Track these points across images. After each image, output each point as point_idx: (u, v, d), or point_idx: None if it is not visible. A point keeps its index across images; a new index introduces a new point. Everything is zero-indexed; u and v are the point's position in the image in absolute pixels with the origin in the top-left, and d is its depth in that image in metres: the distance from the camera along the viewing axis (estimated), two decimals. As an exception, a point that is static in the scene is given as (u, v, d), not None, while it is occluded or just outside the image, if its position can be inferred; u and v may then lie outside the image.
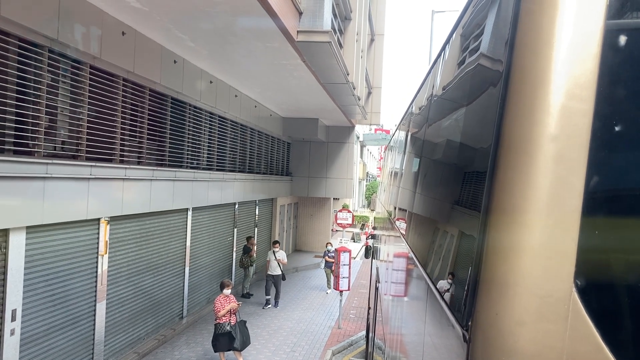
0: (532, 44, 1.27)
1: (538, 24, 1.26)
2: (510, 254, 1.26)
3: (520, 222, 1.24)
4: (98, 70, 7.97)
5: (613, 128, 1.20)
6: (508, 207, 1.28)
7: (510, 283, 1.25)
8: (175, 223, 11.38)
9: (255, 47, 9.64)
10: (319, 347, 11.27)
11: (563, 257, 1.20)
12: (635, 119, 1.20)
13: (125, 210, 8.90)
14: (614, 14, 1.19)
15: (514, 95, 1.31)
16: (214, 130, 12.97)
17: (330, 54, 9.80)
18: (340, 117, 18.76)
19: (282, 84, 13.01)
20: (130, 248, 9.53)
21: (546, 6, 1.24)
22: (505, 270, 1.26)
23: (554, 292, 1.20)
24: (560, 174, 1.20)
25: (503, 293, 1.26)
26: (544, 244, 1.21)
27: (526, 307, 1.23)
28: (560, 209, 1.21)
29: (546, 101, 1.22)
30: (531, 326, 1.22)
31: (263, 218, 18.87)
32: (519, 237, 1.24)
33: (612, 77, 1.20)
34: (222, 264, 14.73)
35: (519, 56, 1.31)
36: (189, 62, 10.84)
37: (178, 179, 10.81)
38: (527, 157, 1.24)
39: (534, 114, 1.24)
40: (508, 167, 1.29)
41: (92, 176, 7.78)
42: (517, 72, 1.31)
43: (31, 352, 7.00)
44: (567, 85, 1.21)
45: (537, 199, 1.22)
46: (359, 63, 14.69)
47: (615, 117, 1.20)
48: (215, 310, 9.31)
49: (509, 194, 1.28)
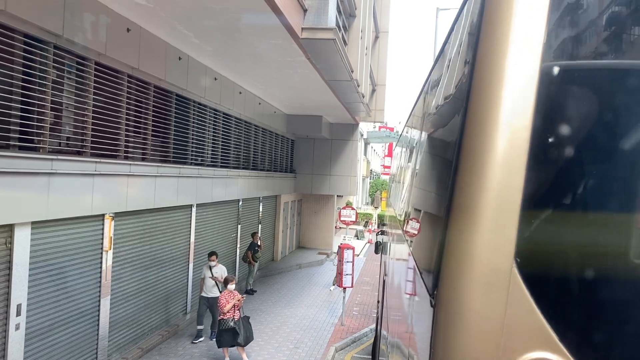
0: (485, 77, 1.65)
1: (491, 62, 1.63)
2: (466, 240, 1.62)
3: (474, 215, 1.60)
4: (103, 66, 7.99)
5: (546, 142, 1.56)
6: (465, 203, 1.64)
7: (466, 261, 1.61)
8: (179, 219, 11.41)
9: (259, 44, 9.64)
10: (322, 344, 11.29)
11: (506, 241, 1.56)
12: (561, 137, 1.57)
13: (130, 206, 8.93)
14: (546, 58, 1.56)
15: (471, 117, 1.67)
16: (218, 127, 12.99)
17: (334, 51, 9.79)
18: (344, 115, 18.76)
19: (287, 81, 13.01)
20: (134, 244, 9.56)
21: (499, 50, 1.61)
22: (461, 252, 1.63)
23: (498, 266, 1.57)
24: (505, 178, 1.56)
25: (460, 269, 1.63)
26: (492, 231, 1.57)
27: (477, 279, 1.59)
28: (504, 205, 1.56)
29: (496, 121, 1.58)
30: (481, 292, 1.58)
31: (267, 215, 18.91)
32: (473, 227, 1.60)
33: (545, 103, 1.56)
34: (226, 260, 14.76)
35: (475, 89, 1.67)
36: (194, 58, 10.86)
37: (182, 176, 10.84)
38: (479, 166, 1.60)
39: (486, 132, 1.60)
40: (465, 173, 1.65)
41: (97, 172, 7.81)
42: (474, 100, 1.67)
43: (36, 347, 7.04)
44: (511, 110, 1.57)
45: (487, 198, 1.58)
46: (363, 60, 14.68)
47: (547, 134, 1.56)
48: (220, 306, 9.35)
49: (466, 193, 1.64)
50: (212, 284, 10.79)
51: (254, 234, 15.71)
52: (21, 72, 6.38)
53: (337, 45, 9.46)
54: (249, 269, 15.44)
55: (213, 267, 10.90)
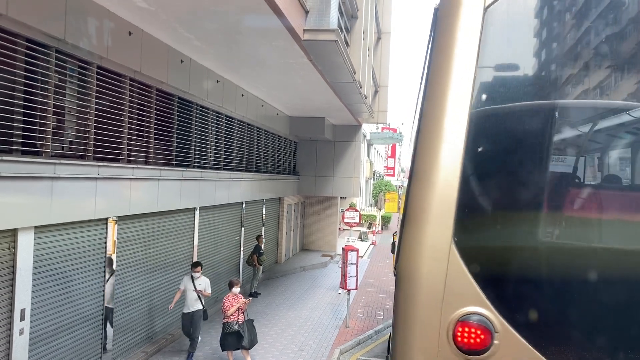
0: (429, 125, 2.28)
1: (434, 109, 2.26)
2: (418, 228, 2.23)
3: (425, 212, 2.22)
4: (105, 70, 7.99)
5: (474, 164, 2.14)
6: (419, 203, 2.25)
7: (417, 241, 2.22)
8: (182, 222, 11.40)
9: (261, 46, 9.63)
10: (327, 346, 11.25)
11: (446, 226, 2.18)
12: (484, 160, 2.17)
13: (133, 210, 8.92)
14: (473, 106, 2.16)
15: (420, 144, 2.28)
16: (220, 130, 12.98)
17: (336, 52, 9.77)
18: (347, 116, 18.73)
19: (289, 83, 13.00)
20: (137, 248, 9.55)
21: (439, 102, 2.24)
22: (414, 235, 2.24)
23: (441, 243, 2.16)
24: (445, 187, 2.17)
25: (413, 247, 2.22)
26: (437, 220, 2.19)
27: (426, 253, 2.19)
28: (445, 205, 2.19)
29: (439, 147, 2.16)
30: (428, 262, 2.18)
31: (270, 217, 18.88)
32: (424, 219, 2.21)
33: (474, 133, 2.11)
34: (230, 263, 14.74)
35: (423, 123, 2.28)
36: (196, 61, 10.85)
37: (185, 179, 10.83)
38: (427, 179, 2.21)
39: (432, 155, 2.19)
40: (418, 183, 2.27)
41: (100, 176, 7.80)
42: (423, 130, 2.28)
43: (40, 352, 7.03)
44: (448, 138, 2.13)
45: (434, 200, 2.20)
46: (365, 61, 14.66)
47: (476, 158, 2.14)
48: (224, 309, 9.32)
49: (420, 196, 2.25)
50: (194, 298, 9.81)
51: (259, 236, 15.70)
52: (23, 76, 6.39)
53: (339, 46, 9.44)
54: (253, 272, 15.42)
55: (196, 279, 9.91)
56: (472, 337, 2.06)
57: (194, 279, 9.89)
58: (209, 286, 10.05)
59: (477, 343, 2.06)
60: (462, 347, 2.07)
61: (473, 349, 2.06)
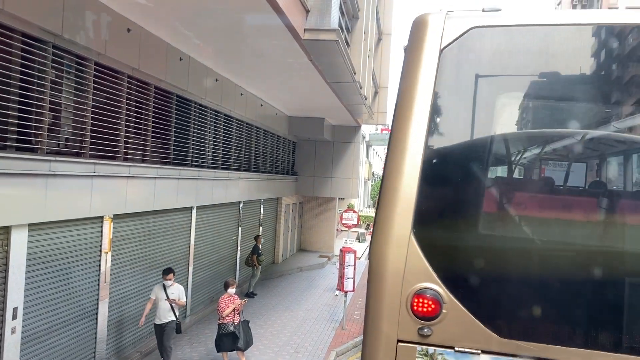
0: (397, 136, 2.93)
1: (397, 142, 2.92)
2: (386, 222, 2.82)
3: (392, 210, 2.79)
4: (103, 66, 7.89)
5: (427, 176, 2.77)
6: (388, 204, 2.83)
7: (385, 232, 2.81)
8: (179, 221, 11.31)
9: (261, 45, 9.55)
10: (323, 349, 11.17)
11: (407, 221, 2.73)
12: (435, 174, 2.82)
13: (129, 208, 8.83)
14: (429, 129, 2.81)
15: (389, 159, 2.94)
16: (219, 129, 12.89)
17: (337, 52, 9.69)
18: (346, 117, 18.65)
19: (288, 83, 12.92)
20: (133, 246, 9.46)
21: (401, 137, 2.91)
22: (383, 228, 2.83)
23: (403, 233, 2.73)
24: (407, 192, 2.76)
25: (383, 237, 2.82)
26: (400, 216, 2.76)
27: (391, 241, 2.76)
28: (406, 205, 2.75)
29: (402, 163, 2.81)
30: (393, 248, 2.75)
31: (268, 217, 18.79)
32: (391, 216, 2.79)
33: (428, 153, 2.79)
34: (226, 263, 14.66)
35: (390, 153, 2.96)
36: (195, 59, 10.76)
37: (182, 177, 10.74)
38: (394, 186, 2.82)
39: (397, 169, 2.83)
40: (387, 189, 2.88)
41: (96, 174, 7.71)
42: (391, 146, 2.96)
43: (32, 351, 6.94)
44: (410, 156, 2.80)
45: (398, 202, 2.78)
46: (366, 62, 14.58)
47: (429, 172, 2.77)
48: (219, 310, 9.23)
49: (388, 199, 2.84)
50: (167, 308, 8.85)
51: (257, 237, 15.66)
52: (19, 71, 6.29)
53: (340, 46, 9.36)
54: (252, 273, 15.35)
55: (169, 287, 8.94)
56: (426, 306, 2.69)
57: (165, 287, 8.91)
58: (183, 294, 9.20)
59: (429, 311, 2.68)
60: (418, 314, 2.69)
61: (426, 316, 2.69)
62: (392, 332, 2.75)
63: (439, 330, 2.69)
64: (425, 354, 2.71)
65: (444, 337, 2.69)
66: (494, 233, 2.91)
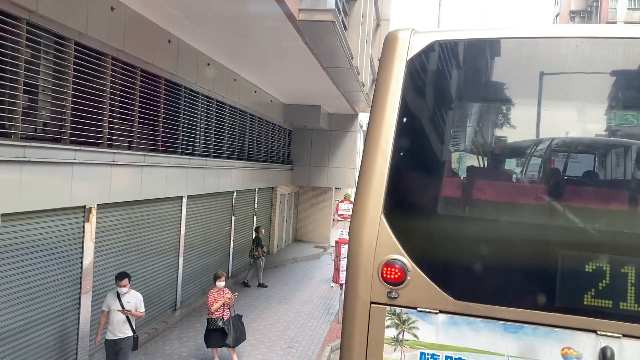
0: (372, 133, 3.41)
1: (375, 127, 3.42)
2: (362, 204, 3.31)
3: (367, 194, 3.29)
4: (84, 47, 7.42)
5: (394, 167, 3.27)
6: (364, 189, 3.32)
7: (362, 212, 3.30)
8: (168, 211, 10.88)
9: (254, 27, 9.08)
10: (318, 343, 10.82)
11: (378, 203, 3.23)
12: (400, 166, 3.30)
13: (114, 198, 8.39)
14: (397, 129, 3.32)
15: (365, 153, 3.40)
16: (211, 116, 12.42)
17: (333, 34, 9.20)
18: (343, 105, 18.18)
19: (283, 68, 12.44)
20: (119, 237, 9.04)
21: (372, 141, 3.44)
22: (360, 208, 3.32)
23: (375, 214, 3.23)
24: (378, 180, 3.27)
25: (359, 216, 3.30)
26: (373, 199, 3.25)
27: (366, 219, 3.25)
28: (378, 190, 3.25)
29: (375, 157, 3.32)
30: (367, 226, 3.24)
31: (262, 207, 18.38)
32: (366, 199, 3.29)
33: (395, 147, 3.28)
34: (219, 254, 14.26)
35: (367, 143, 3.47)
36: (184, 42, 10.26)
37: (172, 166, 10.29)
38: (369, 176, 3.33)
39: (371, 161, 3.33)
40: (363, 177, 3.36)
41: (77, 161, 7.26)
42: (367, 142, 3.43)
43: (6, 350, 6.52)
44: (380, 151, 3.32)
45: (371, 187, 3.28)
46: (363, 47, 14.08)
47: (395, 164, 3.28)
48: (208, 304, 8.83)
49: (364, 185, 3.32)
50: (122, 320, 7.38)
51: (258, 228, 15.44)
52: (-11, 50, 5.82)
53: (337, 28, 8.88)
54: (257, 265, 15.05)
55: (124, 296, 7.44)
56: (393, 274, 3.19)
57: (120, 295, 7.45)
58: (142, 303, 7.67)
59: (396, 278, 3.19)
60: (387, 280, 3.20)
61: (394, 282, 3.19)
62: (366, 295, 3.28)
63: (404, 294, 3.21)
64: (394, 313, 3.24)
65: (409, 299, 3.21)
66: (449, 213, 3.54)
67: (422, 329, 3.20)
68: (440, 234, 3.35)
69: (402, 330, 3.24)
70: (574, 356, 3.01)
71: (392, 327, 3.24)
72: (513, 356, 3.09)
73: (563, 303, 3.02)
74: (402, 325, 3.24)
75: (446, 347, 3.19)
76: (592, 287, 2.99)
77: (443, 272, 3.23)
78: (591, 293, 2.99)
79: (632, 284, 2.94)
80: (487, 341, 3.12)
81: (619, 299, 2.95)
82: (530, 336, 3.06)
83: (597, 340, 2.97)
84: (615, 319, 2.95)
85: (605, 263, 2.98)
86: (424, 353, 3.21)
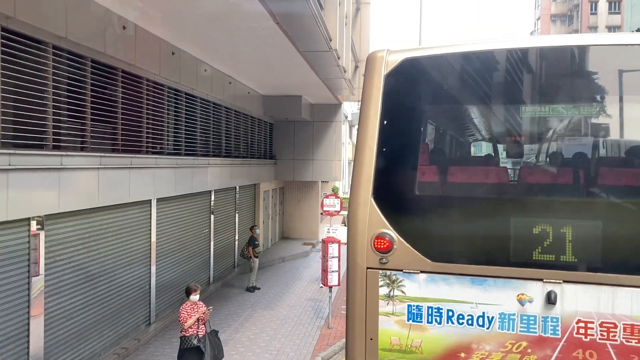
0: (361, 133, 4.28)
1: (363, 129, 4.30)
2: (357, 190, 4.18)
3: (359, 182, 4.16)
4: (14, 33, 6.36)
5: (379, 161, 4.14)
6: (357, 178, 4.18)
7: (356, 197, 4.17)
8: (135, 217, 9.85)
9: (215, 6, 8.04)
10: (307, 353, 9.89)
11: (369, 189, 4.13)
12: (385, 159, 4.15)
13: (64, 207, 7.35)
14: (380, 130, 4.19)
15: (357, 150, 4.30)
16: (180, 110, 11.38)
17: (308, 13, 8.20)
18: (325, 93, 17.18)
19: (256, 54, 11.40)
20: (76, 250, 8.01)
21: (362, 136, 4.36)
22: (355, 194, 4.19)
23: (366, 197, 4.12)
24: (367, 171, 4.15)
25: (355, 200, 4.18)
26: (364, 186, 4.14)
27: (360, 202, 4.14)
28: (368, 179, 4.14)
29: (364, 152, 4.20)
30: (361, 207, 4.14)
31: (244, 206, 17.37)
32: (359, 186, 4.16)
33: (379, 145, 4.16)
34: (198, 259, 13.24)
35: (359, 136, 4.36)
36: (142, 27, 9.17)
37: (135, 167, 9.24)
38: (360, 167, 4.19)
39: (362, 155, 4.21)
40: (357, 168, 4.22)
41: (12, 167, 6.22)
42: (358, 141, 4.31)
43: None
44: (367, 147, 4.21)
45: (362, 176, 4.16)
46: (342, 30, 13.09)
47: (380, 159, 4.15)
48: (180, 321, 7.83)
49: (357, 175, 4.19)
50: None
51: (253, 227, 14.67)
52: None
53: (310, 4, 7.88)
54: (250, 266, 14.25)
55: None
56: (383, 244, 4.02)
57: None
58: None
59: (385, 247, 4.01)
60: (378, 249, 4.03)
61: (383, 250, 4.01)
62: (363, 262, 4.09)
63: (392, 259, 4.01)
64: (385, 275, 4.04)
65: (396, 264, 4.00)
66: (423, 195, 4.30)
67: (407, 286, 4.01)
68: (418, 212, 4.25)
69: (393, 288, 4.05)
70: (527, 300, 3.78)
71: (384, 286, 4.06)
72: (480, 303, 3.87)
73: (517, 259, 3.81)
74: (392, 284, 4.05)
75: (427, 299, 3.98)
76: (539, 245, 3.74)
77: (422, 241, 4.03)
78: (538, 250, 3.75)
79: (569, 241, 3.68)
80: (459, 293, 3.91)
81: (559, 253, 3.70)
82: (492, 286, 3.85)
83: (543, 286, 3.74)
84: (557, 269, 3.70)
85: (548, 225, 3.72)
86: (411, 305, 4.01)
